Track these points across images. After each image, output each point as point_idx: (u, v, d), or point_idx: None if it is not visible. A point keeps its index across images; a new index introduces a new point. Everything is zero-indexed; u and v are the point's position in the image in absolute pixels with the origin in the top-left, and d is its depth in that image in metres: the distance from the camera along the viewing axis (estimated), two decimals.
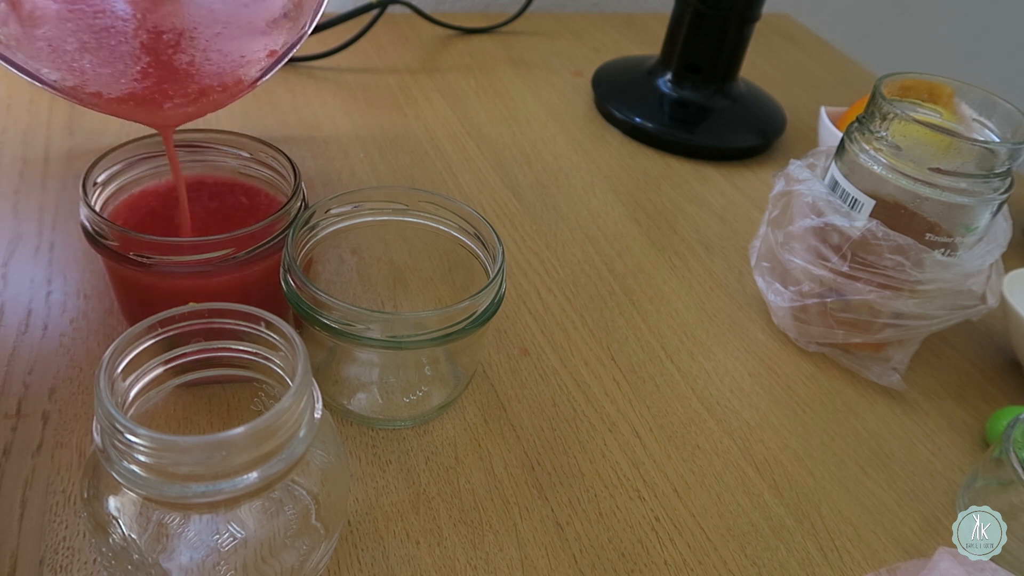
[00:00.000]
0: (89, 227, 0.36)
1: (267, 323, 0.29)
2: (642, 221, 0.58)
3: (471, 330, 0.36)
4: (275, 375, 0.30)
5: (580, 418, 0.42)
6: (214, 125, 0.60)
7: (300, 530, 0.29)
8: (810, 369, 0.48)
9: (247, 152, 0.42)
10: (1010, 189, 0.42)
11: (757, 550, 0.37)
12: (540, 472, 0.39)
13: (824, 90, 0.82)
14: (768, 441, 0.43)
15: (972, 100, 0.46)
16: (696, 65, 0.68)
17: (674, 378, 0.46)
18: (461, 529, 0.36)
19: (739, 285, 0.53)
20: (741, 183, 0.64)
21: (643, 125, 0.67)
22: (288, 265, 0.36)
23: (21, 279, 0.45)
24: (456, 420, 0.41)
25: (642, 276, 0.53)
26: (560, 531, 0.37)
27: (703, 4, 0.65)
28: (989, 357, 0.51)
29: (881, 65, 0.77)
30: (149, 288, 0.37)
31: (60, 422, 0.38)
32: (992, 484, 0.39)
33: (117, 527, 0.27)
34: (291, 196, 0.39)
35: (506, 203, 0.57)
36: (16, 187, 0.51)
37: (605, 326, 0.48)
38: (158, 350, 0.29)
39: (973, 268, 0.42)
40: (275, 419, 0.26)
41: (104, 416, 0.25)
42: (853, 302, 0.44)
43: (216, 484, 0.25)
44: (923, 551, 0.38)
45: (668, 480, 0.40)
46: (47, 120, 0.58)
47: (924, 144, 0.41)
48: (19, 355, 0.40)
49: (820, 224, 0.44)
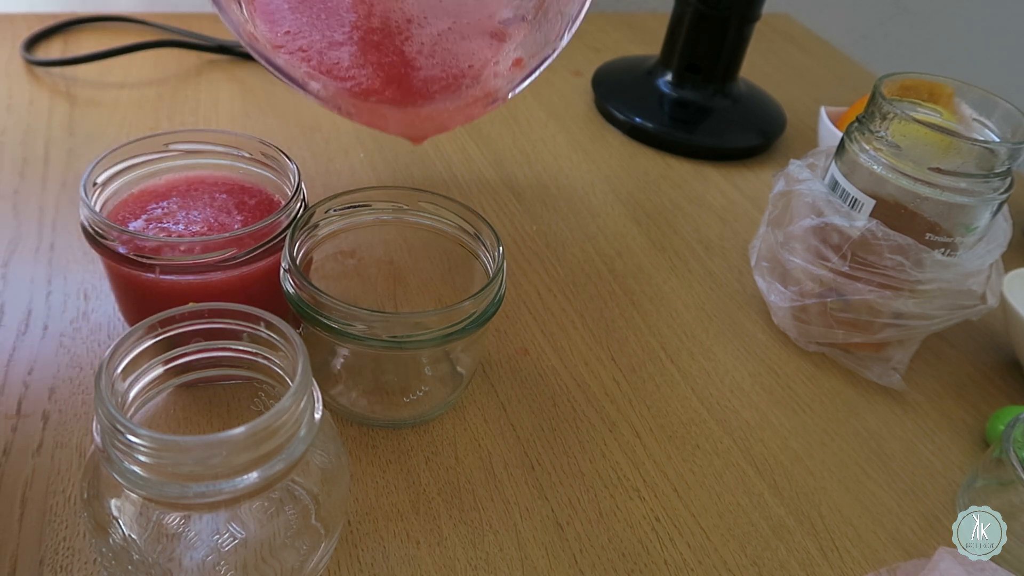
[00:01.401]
0: (89, 227, 0.36)
1: (267, 323, 0.29)
2: (642, 221, 0.58)
3: (471, 330, 0.36)
4: (275, 375, 0.30)
5: (580, 418, 0.42)
6: (214, 125, 0.60)
7: (300, 530, 0.29)
8: (810, 369, 0.48)
9: (247, 152, 0.42)
10: (1010, 189, 0.42)
11: (757, 550, 0.37)
12: (540, 472, 0.39)
13: (824, 90, 0.82)
14: (768, 441, 0.43)
15: (972, 100, 0.46)
16: (696, 65, 0.68)
17: (674, 378, 0.46)
18: (461, 529, 0.36)
19: (739, 285, 0.53)
20: (741, 183, 0.64)
21: (643, 125, 0.67)
22: (288, 265, 0.36)
23: (21, 279, 0.45)
24: (456, 420, 0.41)
25: (642, 276, 0.53)
26: (560, 531, 0.37)
27: (703, 4, 0.65)
28: (989, 357, 0.51)
29: (881, 65, 0.77)
30: (149, 288, 0.37)
31: (60, 422, 0.38)
32: (992, 484, 0.39)
33: (117, 527, 0.27)
34: (291, 196, 0.39)
35: (506, 203, 0.57)
36: (16, 187, 0.51)
37: (605, 326, 0.48)
38: (158, 350, 0.29)
39: (973, 268, 0.42)
40: (275, 419, 0.26)
41: (104, 416, 0.25)
42: (853, 302, 0.44)
43: (216, 484, 0.25)
44: (923, 551, 0.38)
45: (668, 480, 0.40)
46: (47, 120, 0.58)
47: (924, 144, 0.41)
48: (19, 355, 0.40)
49: (820, 224, 0.44)
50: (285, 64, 0.33)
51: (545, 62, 0.35)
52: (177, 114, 0.61)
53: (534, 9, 0.35)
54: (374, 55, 0.33)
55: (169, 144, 0.41)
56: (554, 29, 0.35)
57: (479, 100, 0.35)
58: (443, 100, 0.34)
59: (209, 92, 0.64)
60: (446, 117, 0.35)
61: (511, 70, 0.35)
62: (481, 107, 0.35)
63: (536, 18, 0.35)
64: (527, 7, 0.35)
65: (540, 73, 0.36)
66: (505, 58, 0.35)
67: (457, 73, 0.34)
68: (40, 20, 0.69)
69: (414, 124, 0.36)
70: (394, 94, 0.34)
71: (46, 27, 0.68)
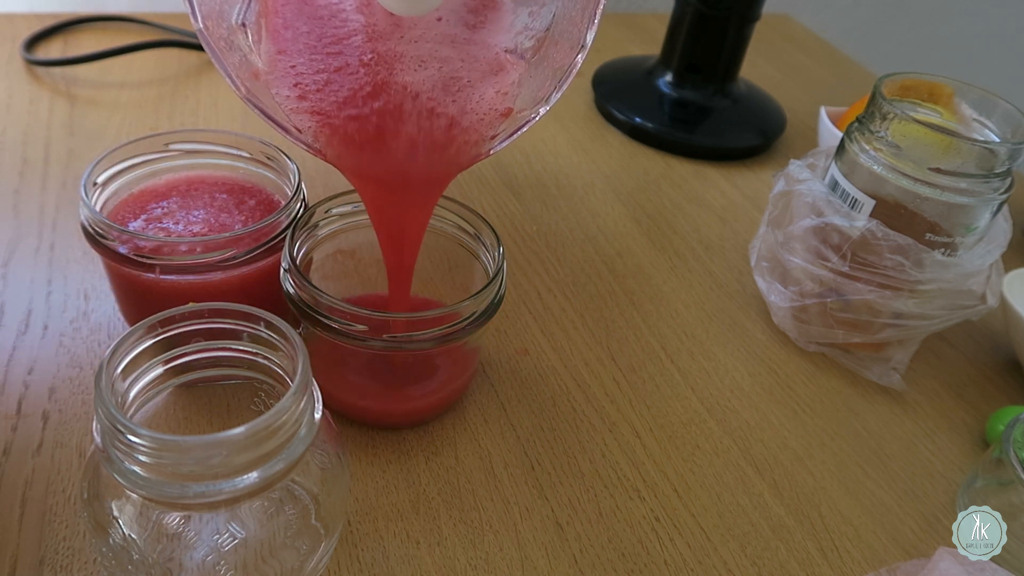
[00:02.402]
0: (89, 227, 0.36)
1: (267, 323, 0.29)
2: (642, 221, 0.58)
3: (471, 330, 0.36)
4: (275, 375, 0.30)
5: (580, 418, 0.42)
6: (214, 125, 0.60)
7: (300, 530, 0.29)
8: (810, 369, 0.48)
9: (247, 152, 0.42)
10: (1010, 189, 0.42)
11: (757, 550, 0.37)
12: (540, 472, 0.39)
13: (824, 90, 0.82)
14: (768, 441, 0.43)
15: (972, 100, 0.46)
16: (696, 65, 0.68)
17: (674, 378, 0.46)
18: (461, 529, 0.36)
19: (739, 285, 0.53)
20: (741, 183, 0.64)
21: (643, 125, 0.67)
22: (288, 265, 0.36)
23: (21, 279, 0.45)
24: (456, 420, 0.41)
25: (642, 276, 0.53)
26: (560, 531, 0.37)
27: (703, 4, 0.65)
28: (989, 357, 0.51)
29: (881, 65, 0.77)
30: (149, 288, 0.37)
31: (60, 422, 0.38)
32: (992, 484, 0.39)
33: (117, 527, 0.27)
34: (291, 196, 0.39)
35: (506, 203, 0.57)
36: (16, 187, 0.51)
37: (605, 326, 0.48)
38: (158, 350, 0.29)
39: (973, 268, 0.42)
40: (275, 419, 0.26)
41: (105, 416, 0.25)
42: (853, 302, 0.44)
43: (216, 484, 0.25)
44: (923, 551, 0.38)
45: (668, 480, 0.40)
46: (47, 120, 0.58)
47: (924, 144, 0.41)
48: (19, 355, 0.40)
49: (820, 224, 0.44)
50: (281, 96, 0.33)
51: (532, 120, 0.34)
52: (177, 114, 0.61)
53: (532, 50, 0.35)
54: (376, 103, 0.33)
55: (169, 144, 0.41)
56: (548, 78, 0.34)
57: (466, 151, 0.34)
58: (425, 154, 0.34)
59: (209, 92, 0.64)
60: (431, 169, 0.35)
61: (499, 118, 0.34)
62: (468, 159, 0.35)
63: (534, 59, 0.34)
64: (525, 45, 0.34)
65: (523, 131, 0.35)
66: (497, 104, 0.34)
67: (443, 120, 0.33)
68: (40, 20, 0.69)
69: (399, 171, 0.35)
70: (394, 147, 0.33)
71: (46, 27, 0.68)
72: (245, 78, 0.32)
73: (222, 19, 0.32)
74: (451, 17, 0.34)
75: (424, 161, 0.34)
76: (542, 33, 0.34)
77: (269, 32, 0.33)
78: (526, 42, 0.34)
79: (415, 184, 0.35)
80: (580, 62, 0.33)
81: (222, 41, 0.31)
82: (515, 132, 0.34)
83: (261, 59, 0.33)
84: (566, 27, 0.34)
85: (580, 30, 0.33)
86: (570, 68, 0.33)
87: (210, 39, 0.31)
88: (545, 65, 0.34)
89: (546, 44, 0.34)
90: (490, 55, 0.34)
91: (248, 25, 0.33)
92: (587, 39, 0.32)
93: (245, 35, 0.33)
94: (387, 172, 0.35)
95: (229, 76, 0.31)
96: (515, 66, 0.34)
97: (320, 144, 0.33)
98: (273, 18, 0.33)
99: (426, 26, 0.34)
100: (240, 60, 0.32)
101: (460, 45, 0.34)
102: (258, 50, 0.33)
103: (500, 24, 0.35)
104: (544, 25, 0.34)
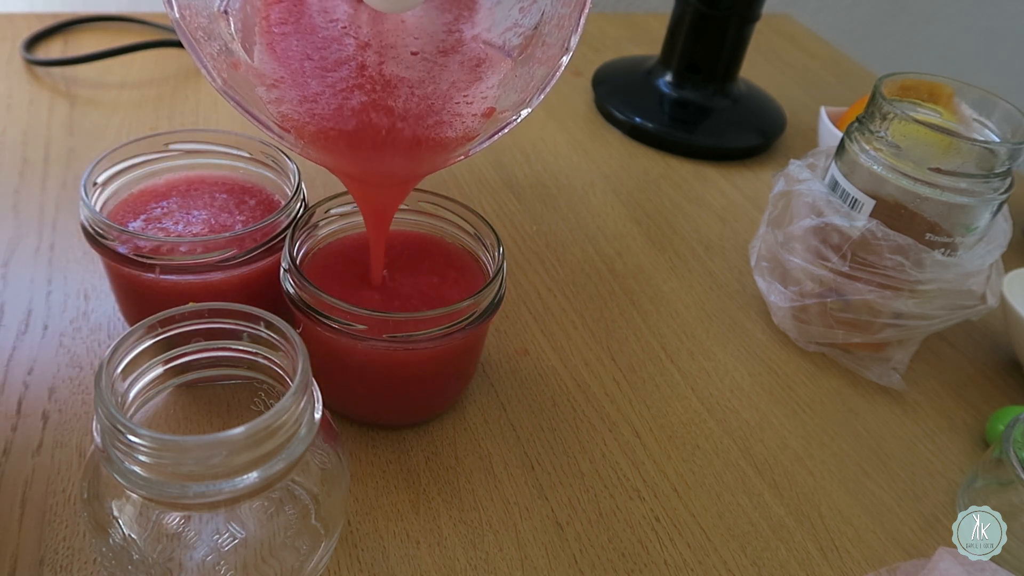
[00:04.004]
0: (89, 227, 0.36)
1: (267, 323, 0.29)
2: (642, 221, 0.58)
3: (471, 330, 0.36)
4: (275, 375, 0.30)
5: (580, 418, 0.42)
6: (214, 125, 0.60)
7: (300, 530, 0.29)
8: (810, 369, 0.48)
9: (247, 152, 0.42)
10: (1010, 189, 0.42)
11: (757, 550, 0.37)
12: (540, 472, 0.39)
13: (824, 90, 0.82)
14: (768, 441, 0.43)
15: (972, 100, 0.46)
16: (696, 65, 0.68)
17: (674, 378, 0.46)
18: (461, 529, 0.36)
19: (739, 285, 0.53)
20: (741, 183, 0.64)
21: (643, 125, 0.67)
22: (288, 265, 0.36)
23: (21, 279, 0.45)
24: (456, 420, 0.41)
25: (642, 276, 0.53)
26: (560, 531, 0.37)
27: (703, 4, 0.65)
28: (989, 357, 0.51)
29: (881, 65, 0.77)
30: (149, 288, 0.37)
31: (60, 422, 0.38)
32: (992, 484, 0.39)
33: (117, 527, 0.27)
34: (291, 196, 0.39)
35: (506, 203, 0.57)
36: (16, 187, 0.51)
37: (605, 326, 0.48)
38: (158, 350, 0.29)
39: (973, 268, 0.42)
40: (275, 419, 0.26)
41: (105, 416, 0.25)
42: (853, 302, 0.44)
43: (216, 484, 0.25)
44: (923, 551, 0.38)
45: (668, 480, 0.40)
46: (47, 120, 0.58)
47: (924, 144, 0.41)
48: (19, 355, 0.40)
49: (820, 224, 0.44)
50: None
51: (513, 123, 0.34)
52: (177, 114, 0.61)
53: (519, 48, 0.34)
54: (362, 100, 0.33)
55: (169, 144, 0.41)
56: (532, 79, 0.34)
57: (448, 149, 0.34)
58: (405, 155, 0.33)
59: (209, 92, 0.64)
60: (406, 164, 0.34)
61: (480, 119, 0.34)
62: (449, 159, 0.34)
63: (520, 57, 0.34)
64: (513, 42, 0.34)
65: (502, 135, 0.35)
66: (478, 101, 0.34)
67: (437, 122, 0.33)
68: (40, 20, 0.69)
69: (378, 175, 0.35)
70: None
71: (46, 27, 0.68)
72: (222, 69, 0.31)
73: (203, 7, 0.31)
74: (434, 13, 0.34)
75: (403, 162, 0.34)
76: (530, 31, 0.34)
77: (263, 37, 0.33)
78: (514, 39, 0.34)
79: (396, 181, 0.35)
80: (564, 65, 0.33)
81: (200, 31, 0.31)
82: (495, 134, 0.34)
83: (244, 50, 0.32)
84: (554, 28, 0.34)
85: (567, 32, 0.33)
86: (554, 70, 0.33)
87: (186, 29, 0.30)
88: (530, 65, 0.34)
89: (533, 43, 0.34)
90: (474, 53, 0.34)
91: (231, 12, 0.32)
92: (571, 43, 0.33)
93: (227, 23, 0.32)
94: (366, 172, 0.35)
95: (205, 67, 0.31)
96: (501, 64, 0.34)
97: (299, 148, 0.33)
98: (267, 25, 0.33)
99: (409, 23, 0.34)
100: (219, 49, 0.31)
101: (443, 41, 0.34)
102: (240, 40, 0.32)
103: (487, 19, 0.35)
104: (533, 23, 0.34)
